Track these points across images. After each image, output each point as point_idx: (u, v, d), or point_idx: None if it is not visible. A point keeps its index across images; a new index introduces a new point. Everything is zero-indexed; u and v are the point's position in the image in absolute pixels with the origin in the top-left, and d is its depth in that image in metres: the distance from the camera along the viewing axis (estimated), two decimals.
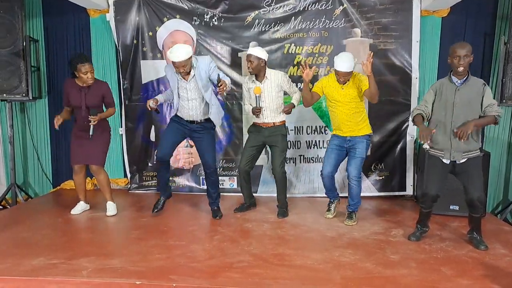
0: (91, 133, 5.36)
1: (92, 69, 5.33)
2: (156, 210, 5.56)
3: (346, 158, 5.43)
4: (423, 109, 4.56)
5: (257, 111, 5.41)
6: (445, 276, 3.85)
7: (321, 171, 5.50)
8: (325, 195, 5.77)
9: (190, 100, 5.22)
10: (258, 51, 5.37)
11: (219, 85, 4.97)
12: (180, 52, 4.88)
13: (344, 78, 5.11)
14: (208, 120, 5.37)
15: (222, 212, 5.63)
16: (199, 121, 5.32)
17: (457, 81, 4.41)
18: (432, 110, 4.55)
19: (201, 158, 5.51)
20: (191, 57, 5.00)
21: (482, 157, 4.69)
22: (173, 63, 4.96)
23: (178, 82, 5.19)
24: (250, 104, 5.62)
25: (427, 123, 4.61)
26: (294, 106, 5.56)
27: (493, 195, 6.34)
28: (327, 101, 5.41)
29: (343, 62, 5.02)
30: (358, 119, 5.27)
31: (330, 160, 5.40)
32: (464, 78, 4.39)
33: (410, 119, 4.74)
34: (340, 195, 5.87)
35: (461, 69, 4.33)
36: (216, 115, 5.40)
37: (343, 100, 5.20)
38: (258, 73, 5.45)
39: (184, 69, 4.96)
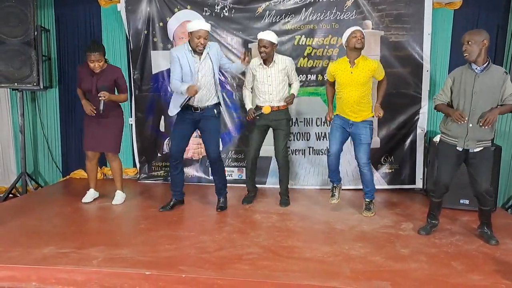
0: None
1: (100, 59, 5.32)
2: (163, 209, 5.51)
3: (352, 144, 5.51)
4: (442, 98, 4.57)
5: (252, 116, 5.61)
6: (456, 271, 3.84)
7: (328, 150, 5.52)
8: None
9: (203, 85, 5.16)
10: (271, 36, 5.41)
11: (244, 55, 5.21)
12: (203, 21, 5.02)
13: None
14: (214, 106, 5.33)
15: (227, 205, 5.62)
16: (206, 106, 5.26)
17: (476, 68, 4.31)
18: (451, 98, 4.51)
19: (206, 146, 5.45)
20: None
21: (494, 151, 4.66)
22: (195, 33, 4.93)
23: (190, 62, 5.07)
24: (251, 89, 5.78)
25: None
26: (295, 96, 5.65)
27: (504, 189, 6.28)
28: (336, 85, 5.36)
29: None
30: (363, 104, 5.24)
31: (336, 139, 5.37)
32: (484, 65, 4.28)
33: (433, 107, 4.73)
34: (353, 187, 6.07)
35: (465, 55, 4.30)
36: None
37: (352, 83, 5.16)
38: (267, 58, 5.49)
39: (205, 41, 4.97)
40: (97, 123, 5.49)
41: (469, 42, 4.25)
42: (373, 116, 5.32)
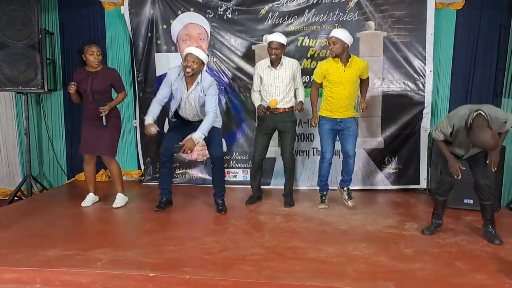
0: (104, 123, 5.41)
1: (99, 52, 5.43)
2: (157, 209, 5.56)
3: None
4: (441, 137, 4.49)
5: (263, 111, 5.55)
6: (459, 271, 3.84)
7: (321, 157, 5.64)
8: (336, 189, 5.79)
9: (189, 111, 5.31)
10: (281, 38, 5.46)
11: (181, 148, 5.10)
12: (197, 49, 5.05)
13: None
14: None
15: (227, 206, 5.60)
16: (197, 120, 5.36)
17: None
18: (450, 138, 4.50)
19: (209, 148, 5.53)
20: (203, 63, 5.10)
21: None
22: (186, 56, 5.01)
23: (179, 88, 5.21)
24: (259, 92, 5.74)
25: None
26: (303, 103, 5.66)
27: (508, 189, 6.24)
28: (325, 84, 5.50)
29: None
30: (353, 102, 5.46)
31: (330, 145, 5.57)
32: None
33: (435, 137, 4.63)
34: (360, 187, 6.30)
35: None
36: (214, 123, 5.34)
37: (345, 81, 5.33)
38: (276, 60, 5.52)
39: (192, 64, 4.99)
40: (94, 126, 5.48)
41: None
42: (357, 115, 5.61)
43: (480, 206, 4.62)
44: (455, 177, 4.44)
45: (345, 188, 5.68)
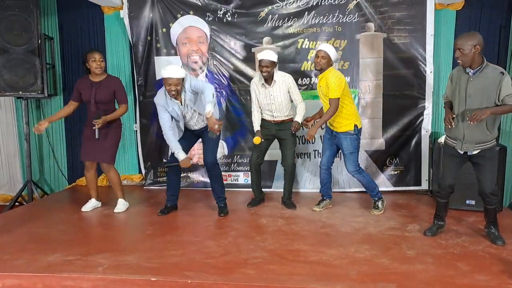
0: (96, 136, 5.38)
1: (101, 58, 5.46)
2: (161, 214, 5.56)
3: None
4: (445, 97, 4.62)
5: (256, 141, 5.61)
6: (462, 272, 3.82)
7: (319, 163, 5.68)
8: (339, 190, 5.78)
9: (192, 118, 5.32)
10: (272, 56, 5.39)
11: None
12: (174, 69, 5.01)
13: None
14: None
15: (228, 209, 5.60)
16: (202, 127, 5.42)
17: (470, 71, 4.25)
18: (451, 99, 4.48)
19: (204, 154, 5.51)
20: (182, 80, 5.07)
21: (498, 151, 4.64)
22: (165, 80, 4.99)
23: (175, 109, 5.20)
24: (260, 107, 5.72)
25: None
26: (300, 124, 5.62)
27: (510, 189, 6.23)
28: None
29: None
30: (337, 116, 5.32)
31: (325, 152, 5.61)
32: (478, 68, 4.21)
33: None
34: (359, 189, 6.15)
35: (459, 61, 4.26)
36: (217, 114, 5.45)
37: (320, 94, 5.41)
38: (269, 77, 5.50)
39: (176, 87, 4.98)
40: (94, 134, 5.43)
41: (461, 50, 4.16)
42: (353, 130, 5.35)
43: (484, 209, 4.59)
44: (449, 126, 4.35)
45: (374, 199, 5.63)
